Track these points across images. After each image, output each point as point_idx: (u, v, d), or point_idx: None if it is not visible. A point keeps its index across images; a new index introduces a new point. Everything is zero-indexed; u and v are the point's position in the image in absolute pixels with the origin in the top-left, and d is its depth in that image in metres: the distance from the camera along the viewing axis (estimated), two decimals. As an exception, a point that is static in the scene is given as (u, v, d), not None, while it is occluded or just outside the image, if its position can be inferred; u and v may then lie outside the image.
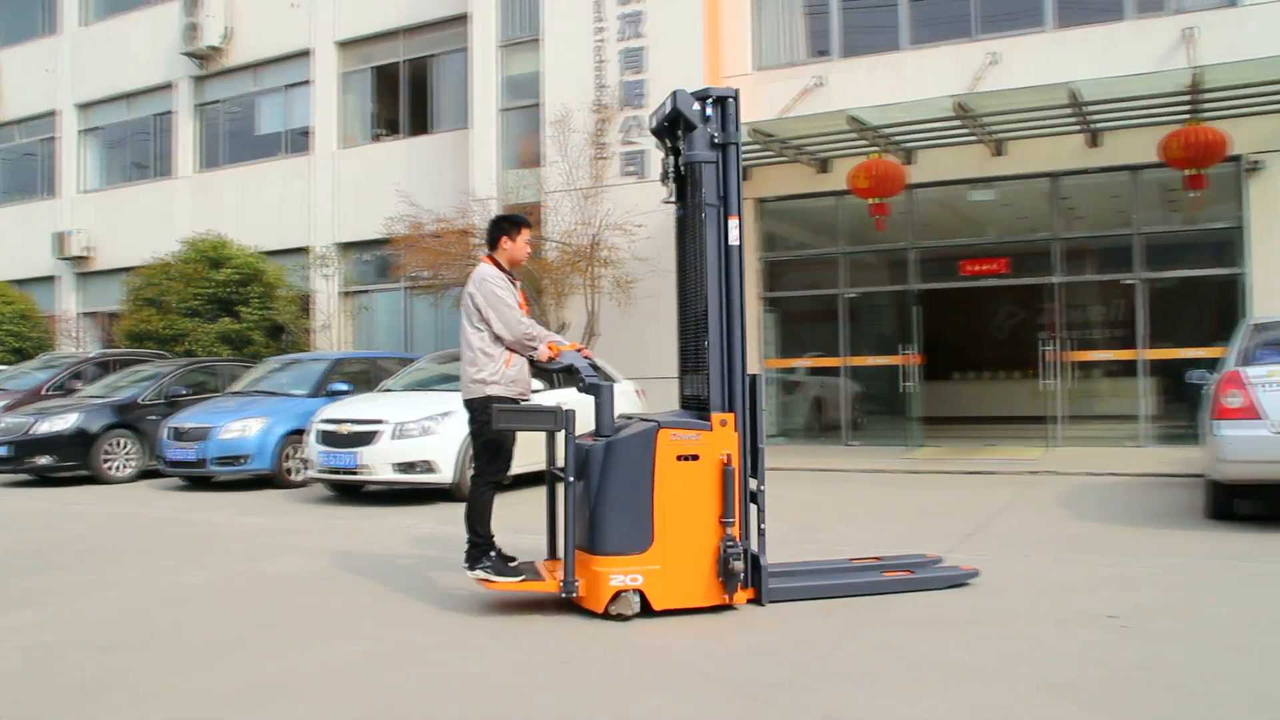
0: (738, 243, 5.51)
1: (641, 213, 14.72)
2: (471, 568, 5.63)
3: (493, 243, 6.03)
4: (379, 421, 10.20)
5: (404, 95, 19.19)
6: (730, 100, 5.56)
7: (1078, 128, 13.21)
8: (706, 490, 5.29)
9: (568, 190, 15.17)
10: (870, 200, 13.28)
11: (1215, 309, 13.85)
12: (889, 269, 15.93)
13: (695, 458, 5.30)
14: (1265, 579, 5.94)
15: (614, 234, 14.53)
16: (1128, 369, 13.81)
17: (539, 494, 6.31)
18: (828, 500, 9.93)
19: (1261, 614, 5.14)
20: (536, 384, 8.12)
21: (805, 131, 13.93)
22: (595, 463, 5.27)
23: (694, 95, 5.58)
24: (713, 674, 4.38)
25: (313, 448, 10.60)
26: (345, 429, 10.31)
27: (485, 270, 5.87)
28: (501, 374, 5.72)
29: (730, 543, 5.23)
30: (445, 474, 10.08)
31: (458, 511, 9.54)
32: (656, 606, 5.19)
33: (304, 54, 19.88)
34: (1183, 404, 13.32)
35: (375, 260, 19.18)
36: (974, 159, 14.14)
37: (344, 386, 12.40)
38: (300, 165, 19.93)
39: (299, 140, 20.25)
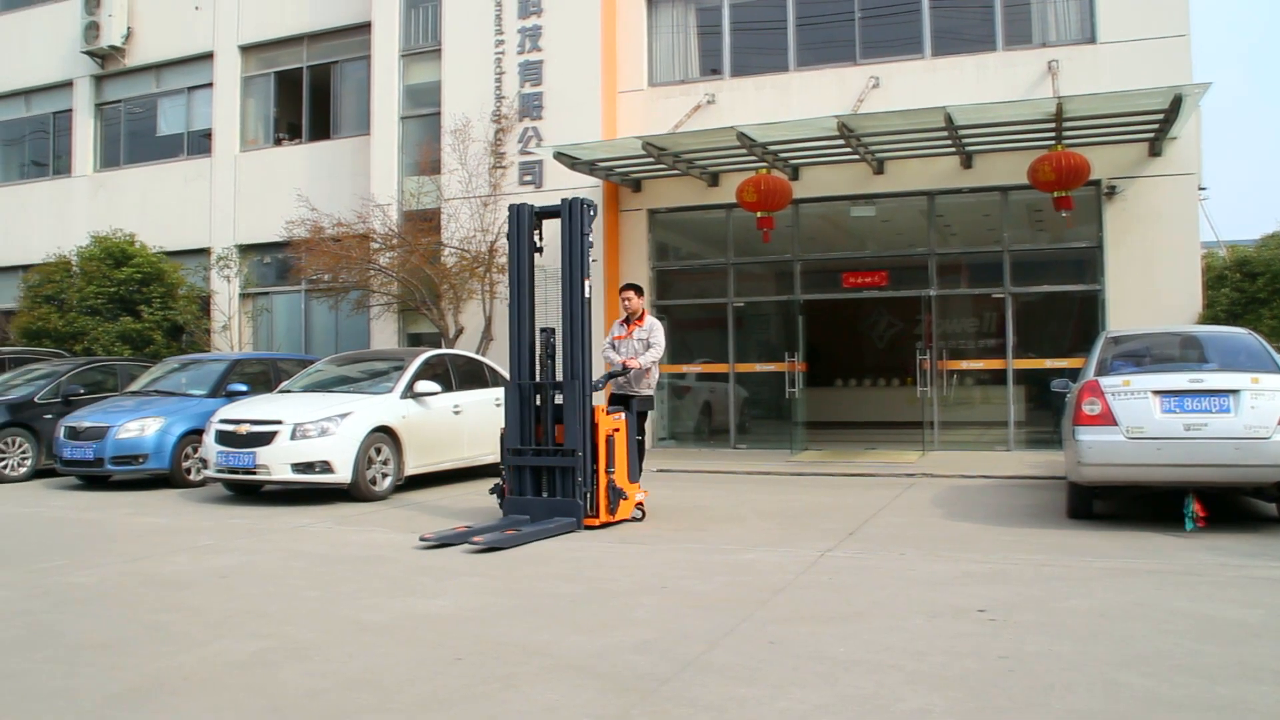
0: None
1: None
2: None
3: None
4: (277, 422, 10.20)
5: (306, 100, 19.09)
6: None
7: (952, 150, 13.89)
8: None
9: (466, 198, 15.28)
10: (757, 214, 13.72)
11: (1076, 322, 14.67)
12: (775, 280, 16.44)
13: None
14: (1117, 573, 6.41)
15: None
16: (998, 378, 14.54)
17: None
18: (716, 501, 10.13)
19: (1113, 605, 5.55)
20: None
21: (696, 146, 14.32)
22: None
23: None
24: (597, 669, 4.47)
25: (210, 447, 10.52)
26: (243, 429, 10.29)
27: None
28: None
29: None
30: (343, 474, 10.12)
31: (355, 511, 9.70)
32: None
33: (206, 57, 19.68)
34: (1047, 411, 14.12)
35: (275, 262, 18.99)
36: (855, 177, 14.74)
37: (242, 387, 12.36)
38: (202, 166, 19.68)
39: (201, 142, 19.98)
